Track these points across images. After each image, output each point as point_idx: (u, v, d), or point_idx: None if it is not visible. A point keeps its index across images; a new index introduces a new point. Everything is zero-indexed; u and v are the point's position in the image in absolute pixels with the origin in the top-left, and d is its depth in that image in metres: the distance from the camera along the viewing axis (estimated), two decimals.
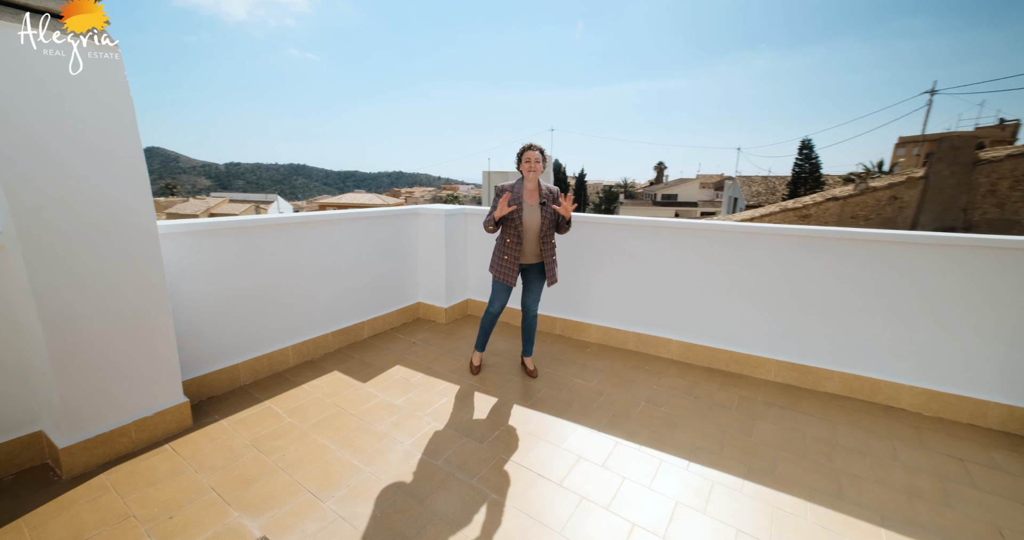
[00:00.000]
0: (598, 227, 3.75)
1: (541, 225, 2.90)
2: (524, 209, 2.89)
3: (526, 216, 2.89)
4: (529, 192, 2.92)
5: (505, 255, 2.93)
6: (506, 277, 2.94)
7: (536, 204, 2.91)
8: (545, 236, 2.94)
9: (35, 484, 2.05)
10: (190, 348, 2.66)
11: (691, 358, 3.53)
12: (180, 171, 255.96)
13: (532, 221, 2.90)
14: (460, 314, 4.48)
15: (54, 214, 1.89)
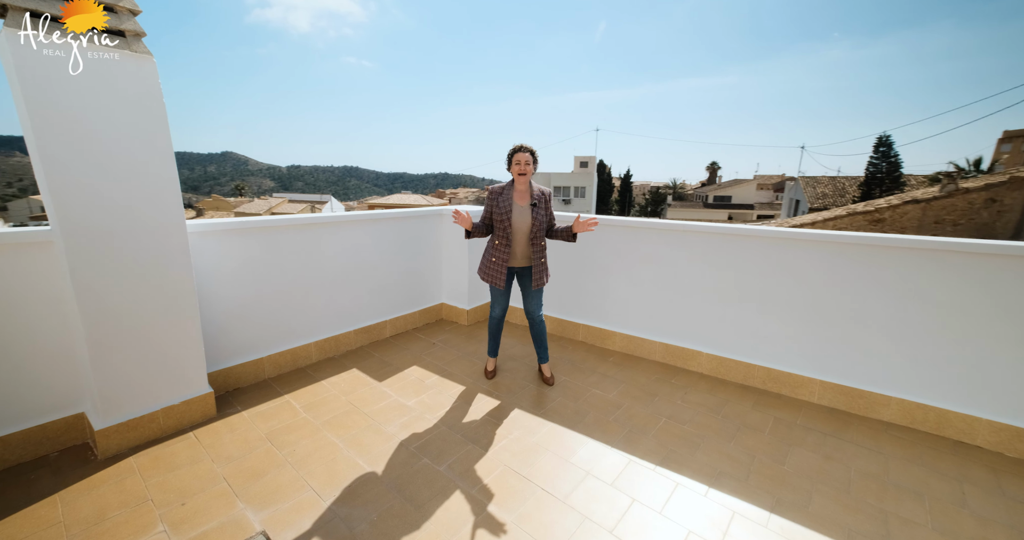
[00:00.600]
0: (623, 230, 3.58)
1: (531, 227, 2.84)
2: (514, 211, 2.83)
3: (516, 218, 2.83)
4: (520, 194, 2.87)
5: (493, 257, 2.89)
6: (494, 279, 2.89)
7: (527, 206, 2.85)
8: (535, 238, 2.87)
9: (75, 462, 2.23)
10: (218, 341, 2.81)
11: (723, 373, 3.28)
12: (248, 173, 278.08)
13: (522, 223, 2.83)
14: (482, 316, 4.45)
15: (93, 213, 2.04)
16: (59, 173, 1.92)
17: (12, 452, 2.16)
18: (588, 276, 3.82)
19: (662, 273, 3.45)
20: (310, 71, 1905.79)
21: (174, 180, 2.25)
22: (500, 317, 3.12)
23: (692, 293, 3.33)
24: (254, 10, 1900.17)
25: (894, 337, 2.67)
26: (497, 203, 2.82)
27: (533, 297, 3.01)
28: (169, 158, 2.22)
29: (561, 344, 3.88)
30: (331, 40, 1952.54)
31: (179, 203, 2.28)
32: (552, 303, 4.09)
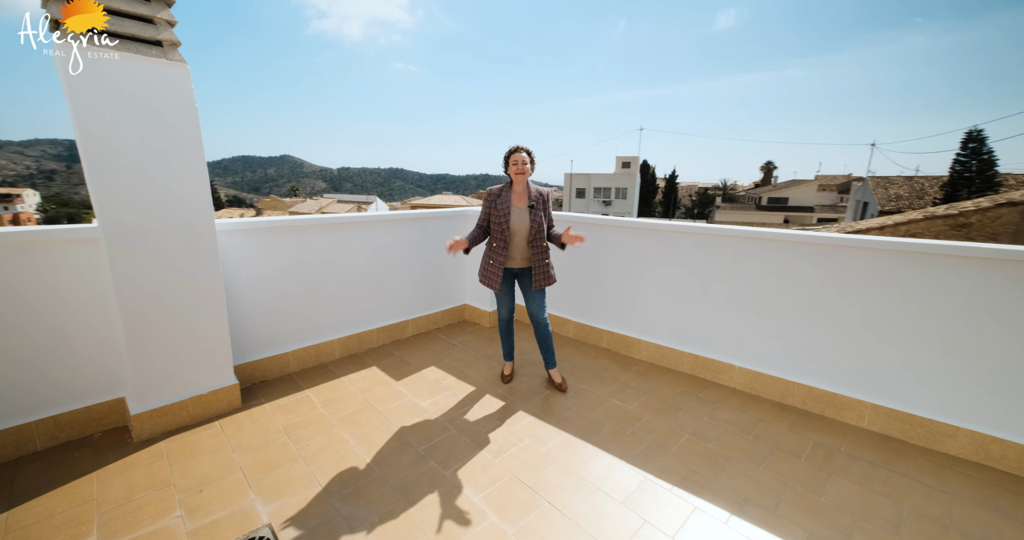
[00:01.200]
0: (650, 234, 3.40)
1: (530, 229, 2.79)
2: (512, 213, 2.79)
3: (514, 220, 2.79)
4: (518, 195, 2.82)
5: (490, 260, 2.85)
6: (490, 282, 2.85)
7: (525, 207, 2.80)
8: (534, 240, 2.81)
9: (114, 443, 2.40)
10: (246, 335, 2.94)
11: (757, 389, 3.03)
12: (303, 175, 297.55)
13: (520, 225, 2.79)
14: None
15: (130, 212, 2.19)
16: (101, 175, 2.07)
17: (62, 431, 2.35)
18: (613, 280, 3.68)
19: (692, 279, 3.25)
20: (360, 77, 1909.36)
21: (204, 181, 2.37)
22: (508, 319, 3.07)
23: (725, 301, 3.11)
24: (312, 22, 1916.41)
25: (965, 359, 2.35)
26: (495, 205, 2.78)
27: (535, 298, 2.94)
28: (200, 160, 2.34)
29: (583, 350, 3.75)
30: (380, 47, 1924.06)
31: (208, 203, 2.40)
32: (575, 307, 3.97)
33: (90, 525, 1.86)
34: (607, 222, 3.62)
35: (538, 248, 2.83)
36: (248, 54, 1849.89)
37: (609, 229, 3.62)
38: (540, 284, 2.87)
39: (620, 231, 3.56)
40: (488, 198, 2.83)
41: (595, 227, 3.70)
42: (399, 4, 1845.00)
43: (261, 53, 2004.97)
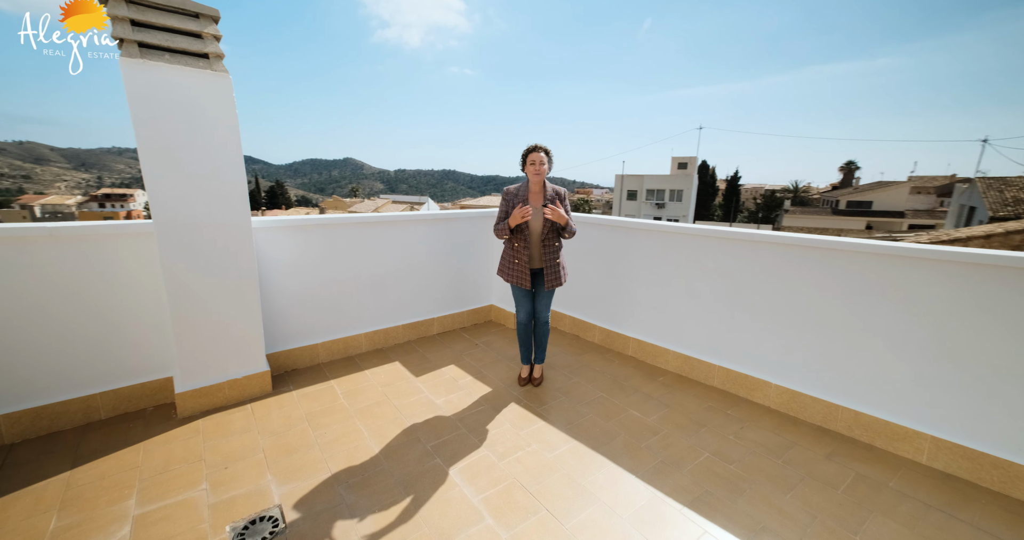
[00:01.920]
0: (679, 238, 3.23)
1: (543, 228, 2.77)
2: None
3: (532, 219, 2.78)
4: (534, 194, 2.81)
5: (516, 259, 2.85)
6: (519, 280, 2.85)
7: (540, 207, 2.77)
8: (547, 239, 2.80)
9: (162, 417, 2.66)
10: (280, 326, 3.14)
11: (795, 410, 2.78)
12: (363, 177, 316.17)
13: (536, 224, 2.78)
14: None
15: (178, 209, 2.42)
16: (155, 176, 2.31)
17: (121, 403, 2.65)
18: (640, 286, 3.53)
19: (725, 288, 3.04)
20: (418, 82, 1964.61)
21: (242, 182, 2.57)
22: (527, 321, 3.04)
23: (761, 313, 2.88)
24: (376, 32, 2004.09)
25: None
26: (513, 204, 2.78)
27: (544, 297, 2.94)
28: (238, 162, 2.54)
29: (608, 357, 3.63)
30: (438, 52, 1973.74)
31: (245, 202, 2.60)
32: (601, 313, 3.86)
33: (131, 490, 2.07)
34: (633, 225, 3.49)
35: (550, 248, 2.81)
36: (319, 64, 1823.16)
37: (636, 232, 3.49)
38: (551, 284, 2.84)
39: (647, 234, 3.42)
40: (506, 197, 2.83)
41: (621, 230, 3.57)
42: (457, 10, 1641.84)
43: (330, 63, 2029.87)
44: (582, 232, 3.84)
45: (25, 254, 2.29)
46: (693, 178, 35.57)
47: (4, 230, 2.21)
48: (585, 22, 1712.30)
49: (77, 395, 2.51)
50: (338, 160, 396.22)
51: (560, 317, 4.21)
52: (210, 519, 1.92)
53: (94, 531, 1.84)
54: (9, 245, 2.25)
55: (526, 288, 2.87)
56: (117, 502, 1.99)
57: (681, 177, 35.78)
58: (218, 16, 2.37)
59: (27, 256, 2.30)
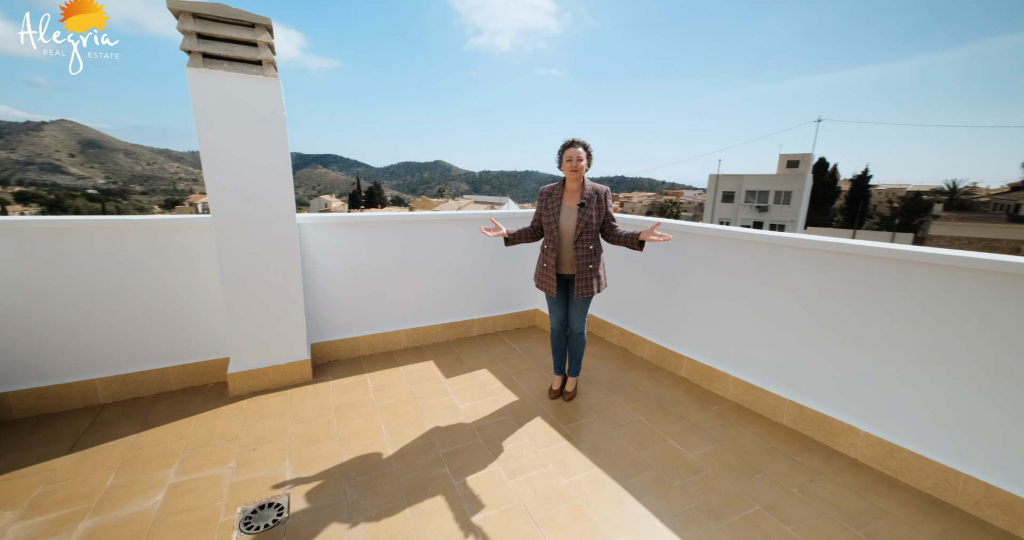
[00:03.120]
0: (746, 245, 2.77)
1: (575, 230, 2.51)
2: (562, 213, 2.56)
3: (563, 220, 2.55)
4: (570, 194, 2.58)
5: (544, 263, 2.65)
6: (545, 285, 2.66)
7: (575, 206, 2.53)
8: (579, 242, 2.53)
9: (216, 394, 2.93)
10: (323, 317, 3.31)
11: (895, 469, 2.22)
12: (451, 178, 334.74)
13: (568, 225, 2.54)
14: None
15: (232, 205, 2.63)
16: (213, 174, 2.54)
17: (188, 377, 2.97)
18: (698, 299, 3.11)
19: (805, 308, 2.54)
20: (505, 85, 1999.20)
21: (288, 179, 2.73)
22: (559, 329, 2.83)
23: (854, 341, 2.35)
24: (469, 39, 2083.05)
25: None
26: (546, 204, 2.59)
27: (575, 307, 2.70)
28: (285, 161, 2.70)
29: (657, 377, 3.27)
30: (526, 55, 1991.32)
31: (290, 199, 2.76)
32: (653, 326, 3.48)
33: (175, 459, 2.29)
34: (691, 229, 3.08)
35: (583, 251, 2.56)
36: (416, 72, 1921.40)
37: (694, 237, 3.08)
38: (581, 292, 2.59)
39: (708, 240, 3.00)
40: (540, 197, 2.65)
41: (676, 234, 3.18)
42: (547, 11, 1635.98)
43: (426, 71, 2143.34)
44: None
45: (117, 242, 2.66)
46: (806, 178, 31.38)
47: (99, 221, 2.58)
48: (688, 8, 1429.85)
49: (154, 367, 2.86)
50: (429, 162, 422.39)
51: (607, 328, 3.90)
52: (227, 497, 2.04)
53: (137, 493, 2.05)
54: (105, 234, 2.63)
55: (552, 295, 2.67)
56: (161, 469, 2.21)
57: (790, 177, 31.81)
58: (270, 25, 2.53)
59: (118, 243, 2.66)
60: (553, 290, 2.64)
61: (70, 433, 2.47)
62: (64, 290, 2.58)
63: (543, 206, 2.62)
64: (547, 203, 2.60)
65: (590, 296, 2.66)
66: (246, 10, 2.45)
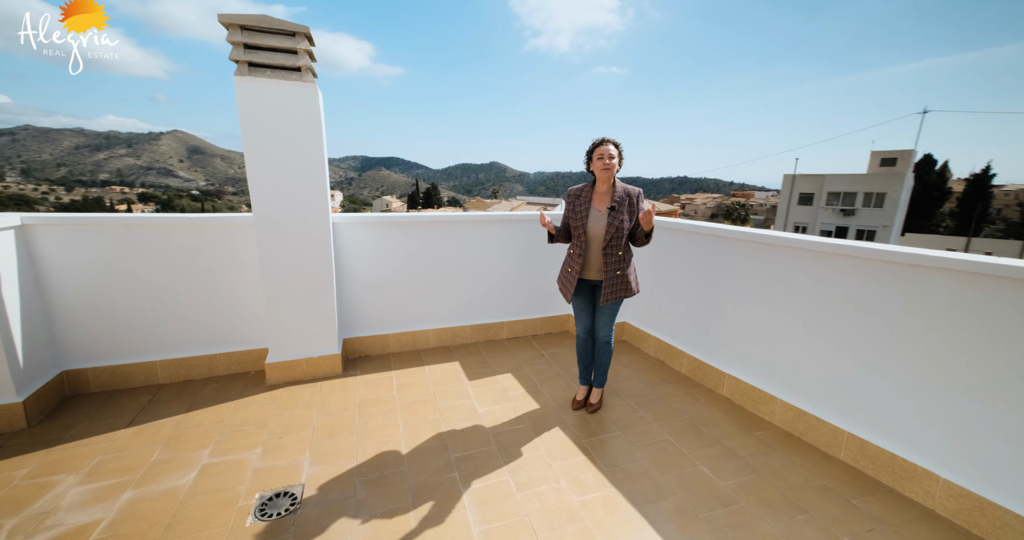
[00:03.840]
0: (797, 254, 2.46)
1: (605, 233, 2.35)
2: (591, 216, 2.40)
3: (592, 224, 2.39)
4: (600, 196, 2.43)
5: (568, 267, 2.52)
6: (564, 289, 2.54)
7: (605, 210, 2.37)
8: (609, 248, 2.37)
9: (256, 382, 3.12)
10: (355, 314, 3.42)
11: (985, 528, 1.86)
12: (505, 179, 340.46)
13: (597, 229, 2.39)
14: (616, 336, 3.90)
15: (271, 204, 2.79)
16: (255, 174, 2.70)
17: (233, 364, 3.20)
18: (743, 311, 2.82)
19: (870, 327, 2.20)
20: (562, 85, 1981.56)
21: (322, 181, 2.84)
22: (585, 337, 2.69)
23: (934, 370, 2.00)
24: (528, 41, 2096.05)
25: None
26: (574, 207, 2.45)
27: (601, 313, 2.55)
28: (320, 162, 2.81)
29: (694, 394, 3.01)
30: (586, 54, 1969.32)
31: (324, 198, 2.87)
32: (693, 338, 3.22)
33: (211, 441, 2.46)
34: (735, 235, 2.80)
35: (611, 257, 2.41)
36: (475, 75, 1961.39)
37: (738, 244, 2.80)
38: (608, 297, 2.44)
39: (754, 248, 2.71)
40: (568, 199, 2.53)
41: (719, 240, 2.91)
42: (608, 8, 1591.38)
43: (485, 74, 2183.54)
44: (672, 241, 3.27)
45: (176, 238, 2.92)
46: (905, 177, 27.67)
47: (161, 218, 2.85)
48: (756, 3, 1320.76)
49: (204, 353, 3.11)
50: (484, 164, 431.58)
51: (644, 338, 3.67)
52: (249, 482, 2.14)
53: (174, 470, 2.22)
54: (166, 230, 2.89)
55: (567, 300, 2.56)
56: (198, 449, 2.38)
57: (884, 177, 28.24)
58: (309, 33, 2.64)
59: (177, 239, 2.92)
60: (569, 296, 2.52)
61: (131, 409, 2.75)
62: (131, 279, 2.87)
63: (571, 209, 2.50)
64: (575, 206, 2.47)
65: (618, 303, 2.50)
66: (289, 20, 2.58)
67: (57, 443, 2.40)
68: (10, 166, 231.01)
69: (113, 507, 1.96)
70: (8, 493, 2.03)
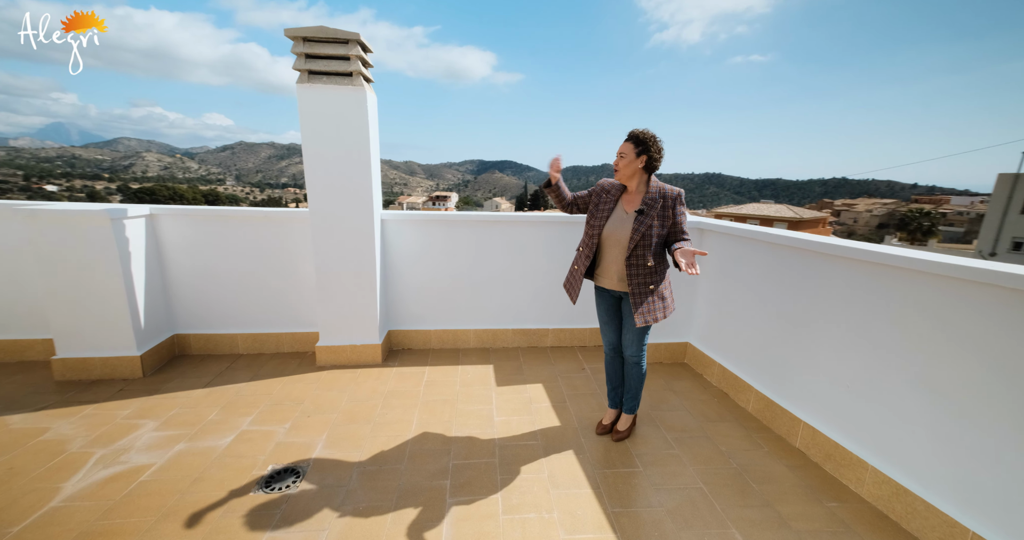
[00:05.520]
0: (910, 276, 1.81)
1: (629, 241, 2.00)
2: (613, 217, 2.09)
3: (611, 225, 2.08)
4: (630, 196, 2.09)
5: (576, 265, 2.24)
6: (569, 289, 2.27)
7: (632, 213, 2.03)
8: (634, 257, 2.01)
9: (309, 361, 3.40)
10: (401, 307, 3.53)
11: None
12: None
13: (619, 233, 2.05)
14: (676, 357, 3.40)
15: (323, 200, 3.02)
16: (311, 173, 2.96)
17: (296, 343, 3.56)
18: (832, 346, 2.20)
19: (1011, 387, 1.53)
20: (690, 79, 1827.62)
21: (368, 178, 2.99)
22: (613, 355, 2.38)
23: None
24: (653, 36, 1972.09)
25: None
26: (599, 201, 2.16)
27: (629, 330, 2.22)
28: (366, 161, 2.96)
29: (756, 440, 2.46)
30: (720, 44, 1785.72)
31: (370, 194, 3.02)
32: (763, 372, 2.63)
33: (255, 410, 2.75)
34: (825, 248, 2.19)
35: (639, 268, 2.06)
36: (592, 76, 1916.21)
37: (834, 261, 2.19)
38: (641, 318, 2.09)
39: (849, 266, 2.09)
40: (596, 188, 2.23)
41: (802, 254, 2.32)
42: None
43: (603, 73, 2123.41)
44: (742, 251, 2.71)
45: (254, 228, 3.35)
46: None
47: (242, 211, 3.29)
48: None
49: (274, 331, 3.52)
50: (596, 166, 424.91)
51: (708, 363, 3.13)
52: (269, 453, 2.33)
53: (219, 431, 2.52)
54: (246, 221, 3.33)
55: (572, 301, 2.28)
56: (243, 416, 2.68)
57: None
58: (360, 39, 2.79)
59: (254, 230, 3.35)
60: (574, 297, 2.25)
61: (212, 372, 3.23)
62: (223, 261, 3.37)
63: (595, 201, 2.21)
64: (600, 200, 2.18)
65: (647, 324, 2.14)
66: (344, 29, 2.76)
67: (155, 393, 2.92)
68: (229, 173, 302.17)
69: (166, 455, 2.29)
70: (109, 429, 2.52)
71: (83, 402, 2.78)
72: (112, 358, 3.03)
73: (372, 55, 3.06)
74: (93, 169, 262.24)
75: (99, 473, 2.15)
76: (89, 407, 2.72)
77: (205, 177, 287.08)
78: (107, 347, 3.03)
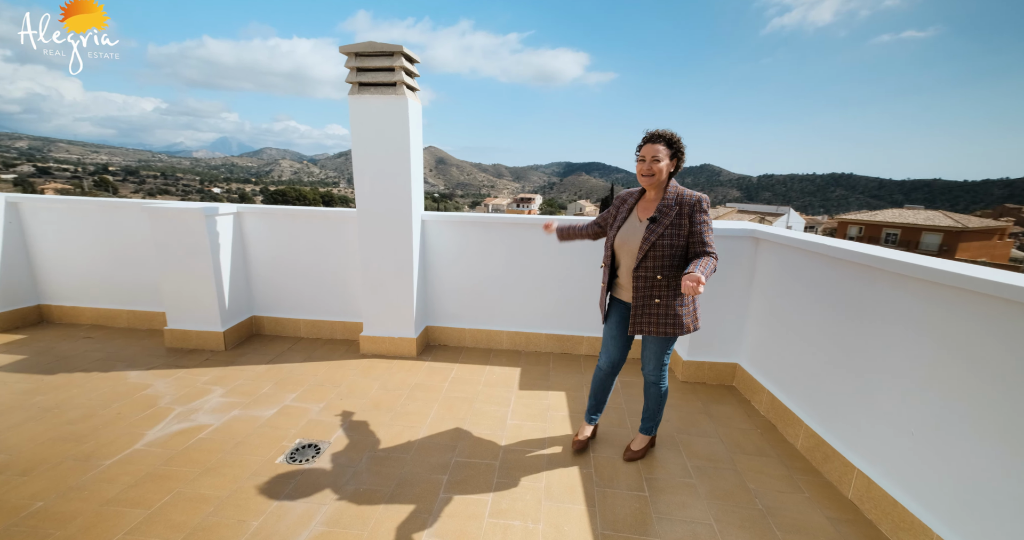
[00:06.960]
0: (997, 305, 1.40)
1: (638, 250, 1.85)
2: (626, 226, 1.95)
3: (623, 234, 1.95)
4: (646, 203, 1.94)
5: (602, 281, 2.15)
6: (601, 304, 2.15)
7: (646, 220, 1.87)
8: (641, 268, 1.86)
9: (354, 349, 3.68)
10: (438, 305, 3.66)
11: None
12: (718, 183, 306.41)
13: (630, 243, 1.92)
14: (723, 379, 3.05)
15: (369, 200, 3.25)
16: (359, 175, 3.21)
17: (348, 331, 3.88)
18: (898, 384, 1.83)
19: None
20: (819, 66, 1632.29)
21: (408, 181, 3.16)
22: (606, 369, 2.22)
23: None
24: (771, 21, 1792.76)
25: None
26: (615, 213, 2.07)
27: (645, 347, 2.08)
28: (406, 165, 3.13)
29: (796, 482, 2.12)
30: (859, 22, 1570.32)
31: (408, 196, 3.18)
32: (814, 403, 2.26)
33: (300, 388, 3.06)
34: (893, 266, 1.81)
35: (646, 281, 1.90)
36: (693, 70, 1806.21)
37: (896, 280, 1.81)
38: (638, 328, 1.94)
39: (924, 288, 1.69)
40: (616, 201, 2.13)
41: (866, 270, 1.94)
42: None
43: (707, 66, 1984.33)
44: (798, 265, 2.34)
45: (314, 225, 3.72)
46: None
47: (303, 210, 3.68)
48: None
49: (329, 319, 3.89)
50: (693, 167, 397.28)
51: (756, 389, 2.77)
52: (300, 428, 2.58)
53: (267, 404, 2.85)
54: (309, 219, 3.72)
55: (603, 319, 2.17)
56: (289, 392, 3.00)
57: None
58: (404, 51, 2.96)
59: (315, 226, 3.72)
60: (604, 316, 2.14)
61: (275, 351, 3.67)
62: (289, 254, 3.81)
63: (614, 213, 2.11)
64: (618, 212, 2.08)
65: (659, 337, 1.97)
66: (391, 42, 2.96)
67: (230, 365, 3.40)
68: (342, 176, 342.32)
69: (223, 418, 2.66)
70: (189, 391, 2.99)
71: (179, 366, 3.33)
72: (204, 332, 3.59)
73: (419, 64, 3.24)
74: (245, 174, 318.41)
75: (173, 426, 2.57)
76: (181, 371, 3.26)
77: (324, 180, 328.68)
78: (201, 322, 3.60)
